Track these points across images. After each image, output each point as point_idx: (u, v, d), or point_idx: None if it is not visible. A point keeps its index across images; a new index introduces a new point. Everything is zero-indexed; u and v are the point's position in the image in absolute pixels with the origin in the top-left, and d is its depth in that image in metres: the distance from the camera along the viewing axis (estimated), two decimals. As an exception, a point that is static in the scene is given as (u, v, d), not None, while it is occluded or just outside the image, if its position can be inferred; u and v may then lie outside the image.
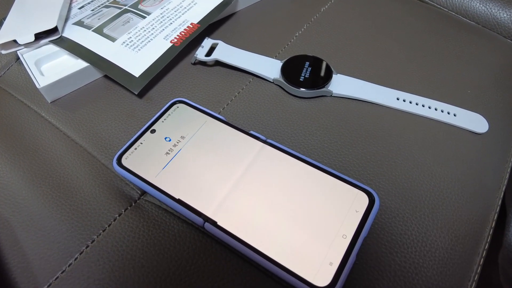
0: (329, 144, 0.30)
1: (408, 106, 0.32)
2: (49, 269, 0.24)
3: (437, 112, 0.32)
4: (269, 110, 0.32)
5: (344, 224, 0.24)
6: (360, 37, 0.38)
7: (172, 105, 0.30)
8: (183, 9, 0.38)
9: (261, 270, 0.24)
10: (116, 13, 0.38)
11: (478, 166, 0.29)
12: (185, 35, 0.35)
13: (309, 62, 0.34)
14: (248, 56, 0.35)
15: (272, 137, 0.30)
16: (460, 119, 0.31)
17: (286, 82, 0.32)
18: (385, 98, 0.32)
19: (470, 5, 0.43)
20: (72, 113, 0.32)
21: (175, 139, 0.28)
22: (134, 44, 0.35)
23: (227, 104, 0.32)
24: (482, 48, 0.38)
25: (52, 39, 0.35)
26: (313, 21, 0.40)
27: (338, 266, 0.22)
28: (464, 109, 0.32)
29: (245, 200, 0.25)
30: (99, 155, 0.29)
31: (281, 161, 0.27)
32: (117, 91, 0.33)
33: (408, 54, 0.37)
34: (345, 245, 0.23)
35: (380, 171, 0.28)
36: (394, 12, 0.41)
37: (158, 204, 0.27)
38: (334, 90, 0.33)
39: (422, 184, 0.28)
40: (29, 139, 0.31)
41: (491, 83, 0.35)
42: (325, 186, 0.25)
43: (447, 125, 0.31)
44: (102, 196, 0.27)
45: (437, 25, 0.40)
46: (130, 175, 0.26)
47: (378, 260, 0.24)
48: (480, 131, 0.31)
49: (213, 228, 0.24)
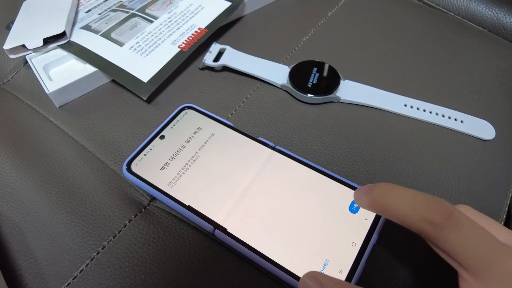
0: (337, 151, 0.30)
1: (416, 112, 0.32)
2: (61, 275, 0.24)
3: (444, 118, 0.32)
4: (277, 116, 0.32)
5: (353, 231, 0.24)
6: (367, 42, 0.38)
7: (181, 111, 0.30)
8: (190, 14, 0.38)
9: (271, 277, 0.24)
10: (123, 17, 0.38)
11: (485, 172, 0.29)
12: (193, 40, 0.35)
13: (316, 68, 0.34)
14: (255, 61, 0.35)
15: (280, 143, 0.30)
16: (467, 126, 0.32)
17: (294, 88, 0.33)
18: (392, 104, 0.33)
19: (476, 10, 0.43)
20: (81, 118, 0.32)
21: (184, 145, 0.28)
22: (142, 49, 0.35)
23: (235, 110, 0.32)
24: (488, 53, 0.38)
25: (60, 44, 0.35)
26: (320, 25, 0.40)
27: (348, 273, 0.22)
28: (471, 116, 0.32)
29: (254, 207, 0.25)
30: (108, 160, 0.29)
31: (290, 168, 0.27)
32: (125, 96, 0.33)
33: (415, 59, 0.37)
34: (355, 253, 0.23)
35: (388, 179, 0.28)
36: (400, 17, 0.41)
37: (168, 210, 0.27)
38: (342, 96, 0.33)
39: (430, 191, 0.28)
40: (38, 144, 0.31)
41: (498, 89, 0.35)
42: (334, 193, 0.25)
43: (454, 131, 0.31)
44: (112, 202, 0.27)
45: (443, 30, 0.40)
46: (140, 181, 0.26)
47: (387, 268, 0.24)
48: (487, 138, 0.31)
49: (223, 235, 0.24)
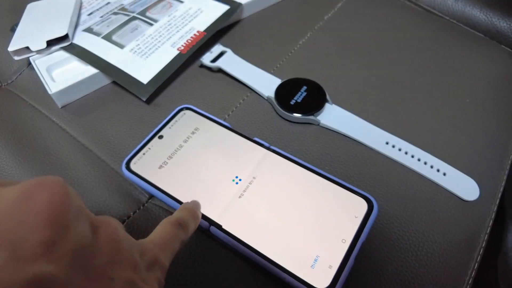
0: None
1: (397, 154, 0.30)
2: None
3: (426, 166, 0.30)
4: (263, 124, 0.32)
5: (344, 229, 0.25)
6: (361, 49, 0.39)
7: (179, 112, 0.31)
8: (189, 17, 0.39)
9: (262, 272, 0.25)
10: (124, 20, 0.39)
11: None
12: (191, 42, 0.36)
13: (306, 87, 0.34)
14: (249, 69, 0.36)
15: (273, 145, 0.31)
16: (449, 181, 0.29)
17: (276, 102, 0.33)
18: (374, 140, 0.31)
19: (471, 14, 0.44)
20: (82, 118, 0.33)
21: (182, 145, 0.29)
22: (142, 51, 0.36)
23: (232, 111, 0.33)
24: (481, 56, 0.39)
25: (63, 46, 0.36)
26: (316, 29, 0.41)
27: (337, 269, 0.23)
28: (455, 170, 0.30)
29: (249, 205, 0.26)
30: (108, 159, 0.30)
31: (284, 167, 0.28)
32: (125, 97, 0.34)
33: (409, 65, 0.37)
34: (344, 249, 0.24)
35: (378, 185, 0.29)
36: (397, 22, 0.42)
37: (166, 207, 0.28)
38: (322, 120, 0.32)
39: (419, 191, 0.29)
40: (41, 143, 0.32)
41: (489, 93, 0.36)
42: (326, 192, 0.26)
43: (434, 183, 0.29)
44: (111, 200, 0.28)
45: (438, 34, 0.41)
46: (139, 179, 0.27)
47: (375, 264, 0.25)
48: (469, 199, 0.29)
49: (218, 232, 0.25)
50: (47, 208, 0.12)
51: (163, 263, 0.18)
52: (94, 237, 0.14)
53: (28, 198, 0.12)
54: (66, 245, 0.12)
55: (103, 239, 0.14)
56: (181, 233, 0.20)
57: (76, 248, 0.12)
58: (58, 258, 0.12)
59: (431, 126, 0.33)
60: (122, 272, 0.14)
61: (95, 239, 0.14)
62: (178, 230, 0.20)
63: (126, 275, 0.14)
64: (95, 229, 0.14)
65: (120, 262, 0.15)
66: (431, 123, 0.33)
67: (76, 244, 0.12)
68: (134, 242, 0.17)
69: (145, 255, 0.17)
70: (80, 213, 0.13)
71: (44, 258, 0.11)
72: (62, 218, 0.12)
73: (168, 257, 0.19)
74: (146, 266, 0.17)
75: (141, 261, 0.16)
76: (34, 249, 0.11)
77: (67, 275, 0.12)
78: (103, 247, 0.14)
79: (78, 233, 0.13)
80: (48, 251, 0.12)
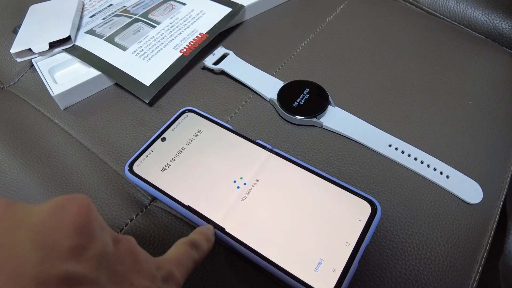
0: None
1: (399, 156, 0.30)
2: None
3: (429, 169, 0.30)
4: (266, 126, 0.32)
5: (347, 232, 0.25)
6: (363, 51, 0.39)
7: (182, 114, 0.31)
8: (192, 19, 0.39)
9: (266, 275, 0.25)
10: (126, 22, 0.39)
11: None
12: (194, 45, 0.36)
13: (309, 89, 0.34)
14: (251, 71, 0.36)
15: (276, 147, 0.31)
16: (452, 183, 0.29)
17: (278, 104, 0.33)
18: (377, 142, 0.31)
19: (473, 16, 0.44)
20: (84, 120, 0.33)
21: (185, 147, 0.29)
22: (144, 53, 0.36)
23: (234, 113, 0.33)
24: (483, 58, 0.39)
25: (65, 48, 0.36)
26: (318, 31, 0.41)
27: (341, 273, 0.23)
28: (459, 172, 0.30)
29: (252, 208, 0.26)
30: (111, 161, 0.30)
31: (287, 170, 0.28)
32: (127, 99, 0.34)
33: (411, 67, 0.37)
34: (348, 253, 0.24)
35: (381, 189, 0.29)
36: (399, 24, 0.42)
37: (168, 210, 0.28)
38: (324, 122, 0.32)
39: (422, 193, 0.29)
40: (43, 145, 0.32)
41: (492, 94, 0.36)
42: (329, 195, 0.26)
43: (436, 186, 0.29)
44: (114, 202, 0.28)
45: (440, 36, 0.41)
46: (141, 181, 0.27)
47: (379, 267, 0.25)
48: (472, 202, 0.29)
49: (221, 235, 0.25)
50: (76, 218, 0.14)
51: (178, 279, 0.19)
52: (116, 248, 0.16)
53: (61, 210, 0.14)
54: (92, 250, 0.14)
55: (124, 251, 0.16)
56: (194, 253, 0.21)
57: (100, 253, 0.14)
58: (86, 261, 0.14)
59: (434, 128, 0.33)
60: (141, 281, 0.16)
61: (117, 250, 0.16)
62: (192, 250, 0.21)
63: (144, 284, 0.16)
64: (116, 242, 0.16)
65: (139, 271, 0.16)
66: (434, 126, 0.33)
67: (100, 250, 0.15)
68: (151, 257, 0.18)
69: (161, 269, 0.18)
70: (103, 226, 0.16)
71: (74, 259, 0.13)
72: (89, 228, 0.14)
73: (182, 274, 0.19)
74: (162, 279, 0.18)
75: (157, 274, 0.18)
76: (66, 252, 0.13)
77: (93, 274, 0.14)
78: (124, 257, 0.16)
79: (102, 241, 0.15)
80: (77, 254, 0.14)
